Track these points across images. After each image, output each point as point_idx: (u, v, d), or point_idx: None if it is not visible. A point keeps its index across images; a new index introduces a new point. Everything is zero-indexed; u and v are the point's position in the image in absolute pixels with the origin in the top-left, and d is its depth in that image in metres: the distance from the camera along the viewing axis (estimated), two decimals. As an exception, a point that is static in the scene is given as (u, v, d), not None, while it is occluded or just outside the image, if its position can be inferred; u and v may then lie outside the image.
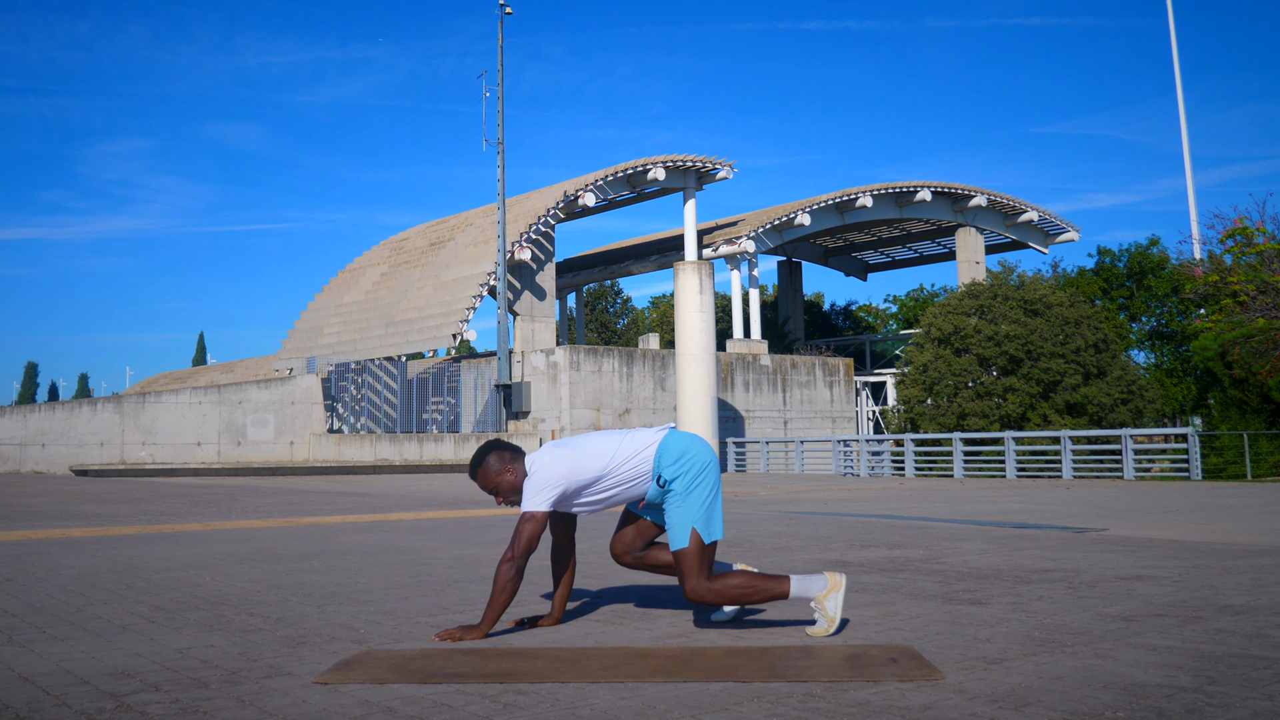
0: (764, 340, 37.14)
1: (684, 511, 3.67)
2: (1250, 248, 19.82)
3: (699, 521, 3.66)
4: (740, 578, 3.65)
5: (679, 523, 3.67)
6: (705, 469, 3.72)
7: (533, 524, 3.58)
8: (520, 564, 3.54)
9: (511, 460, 3.73)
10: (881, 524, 8.74)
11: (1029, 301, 31.63)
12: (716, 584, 3.62)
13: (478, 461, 3.73)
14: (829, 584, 3.65)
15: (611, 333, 65.58)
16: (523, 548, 3.54)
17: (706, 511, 3.68)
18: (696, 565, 3.63)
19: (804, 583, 3.67)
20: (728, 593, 3.62)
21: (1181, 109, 35.18)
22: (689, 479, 3.69)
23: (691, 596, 3.63)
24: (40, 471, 27.65)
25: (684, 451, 3.72)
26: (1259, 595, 4.47)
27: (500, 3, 31.79)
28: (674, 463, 3.70)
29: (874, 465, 26.14)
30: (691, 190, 36.00)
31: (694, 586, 3.61)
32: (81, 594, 4.80)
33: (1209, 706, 2.61)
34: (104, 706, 2.72)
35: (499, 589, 3.54)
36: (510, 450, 3.76)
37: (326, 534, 8.08)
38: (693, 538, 3.64)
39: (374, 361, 33.77)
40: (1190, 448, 19.68)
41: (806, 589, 3.65)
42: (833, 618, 3.62)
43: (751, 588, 3.63)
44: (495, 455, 3.73)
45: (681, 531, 3.66)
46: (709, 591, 3.61)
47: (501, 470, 3.71)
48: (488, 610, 3.57)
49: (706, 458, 3.76)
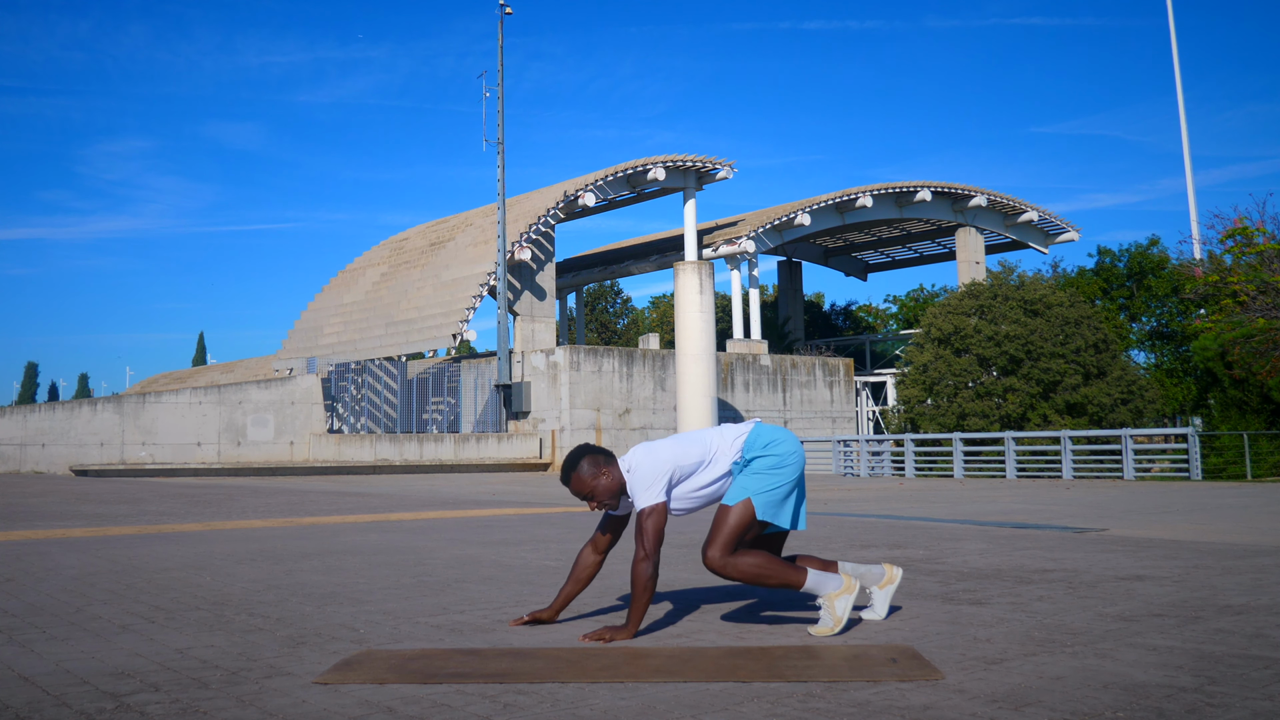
0: (764, 340, 37.14)
1: (750, 480, 3.69)
2: (1250, 248, 19.82)
3: (759, 495, 3.67)
4: (760, 558, 3.65)
5: (740, 486, 3.69)
6: (788, 456, 3.74)
7: (654, 517, 3.60)
8: (655, 560, 3.56)
9: (606, 464, 3.73)
10: (881, 524, 8.74)
11: (1029, 301, 31.63)
12: (736, 559, 3.64)
13: (571, 465, 3.72)
14: (842, 585, 3.67)
15: (611, 333, 65.57)
16: (652, 543, 3.57)
17: (773, 492, 3.69)
18: (729, 534, 3.64)
19: (819, 579, 3.68)
20: (744, 570, 3.63)
21: (1181, 109, 35.19)
22: (771, 460, 3.71)
23: (708, 563, 3.64)
24: (40, 471, 27.65)
25: (772, 441, 3.75)
26: (1259, 595, 4.47)
27: (500, 2, 31.79)
28: (760, 448, 3.73)
29: (874, 465, 26.14)
30: (691, 190, 36.00)
31: (715, 554, 3.63)
32: (81, 594, 4.80)
33: (1209, 706, 2.61)
34: (104, 706, 2.72)
35: (641, 588, 3.56)
36: (603, 454, 3.77)
37: (326, 534, 8.08)
38: (743, 504, 3.65)
39: (374, 361, 33.77)
40: (1190, 448, 19.68)
41: (821, 585, 3.67)
42: (839, 618, 3.63)
43: (769, 571, 3.64)
44: (589, 460, 3.73)
45: (737, 493, 3.68)
46: (728, 564, 3.63)
47: (596, 474, 3.71)
48: (634, 610, 3.58)
49: (792, 447, 3.78)
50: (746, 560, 3.64)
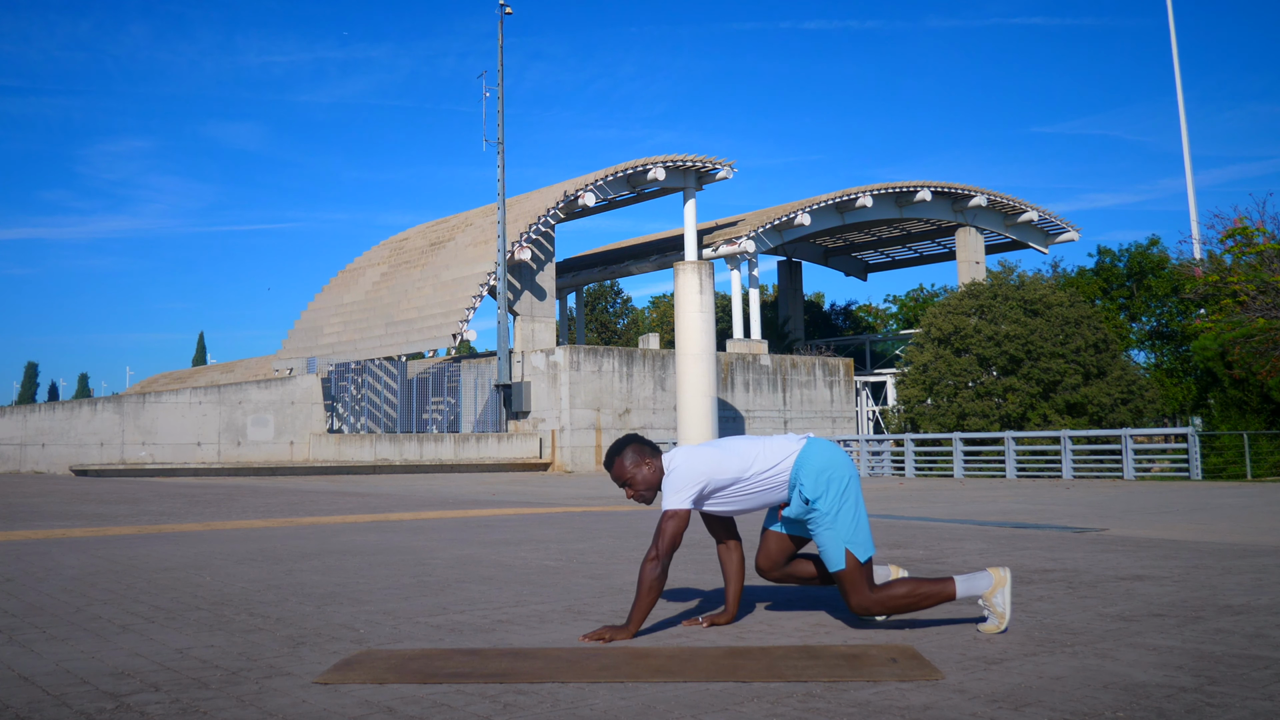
0: (764, 340, 37.14)
1: (835, 533, 3.66)
2: (1250, 248, 19.82)
3: (851, 541, 3.65)
4: (905, 586, 3.66)
5: (832, 544, 3.66)
6: (848, 484, 3.72)
7: (675, 521, 3.59)
8: (665, 562, 3.55)
9: (650, 456, 3.74)
10: (882, 524, 8.74)
11: (1029, 301, 31.63)
12: (881, 595, 3.64)
13: (616, 451, 3.75)
14: (994, 580, 3.65)
15: (611, 333, 65.57)
16: (666, 546, 3.56)
17: (854, 528, 3.67)
18: (861, 582, 3.64)
19: (969, 582, 3.67)
20: (894, 603, 3.64)
21: (1181, 109, 35.19)
22: (832, 498, 3.67)
23: (858, 610, 3.66)
24: (40, 471, 27.65)
25: (825, 466, 3.71)
26: (1259, 595, 4.47)
27: (500, 3, 31.79)
28: (815, 479, 3.68)
29: (874, 465, 26.14)
30: (691, 190, 36.00)
31: (859, 602, 3.63)
32: (81, 594, 4.80)
33: (1209, 706, 2.61)
34: (104, 706, 2.72)
35: (645, 588, 3.55)
36: (649, 446, 3.77)
37: (326, 534, 8.08)
38: (849, 558, 3.64)
39: (374, 361, 33.77)
40: (1190, 448, 19.68)
41: (973, 587, 3.66)
42: (1002, 613, 3.62)
43: (919, 595, 3.64)
44: (633, 448, 3.75)
45: (836, 553, 3.65)
46: (875, 604, 3.64)
47: (639, 463, 3.73)
48: (635, 609, 3.57)
49: (848, 472, 3.74)
50: (893, 593, 3.64)
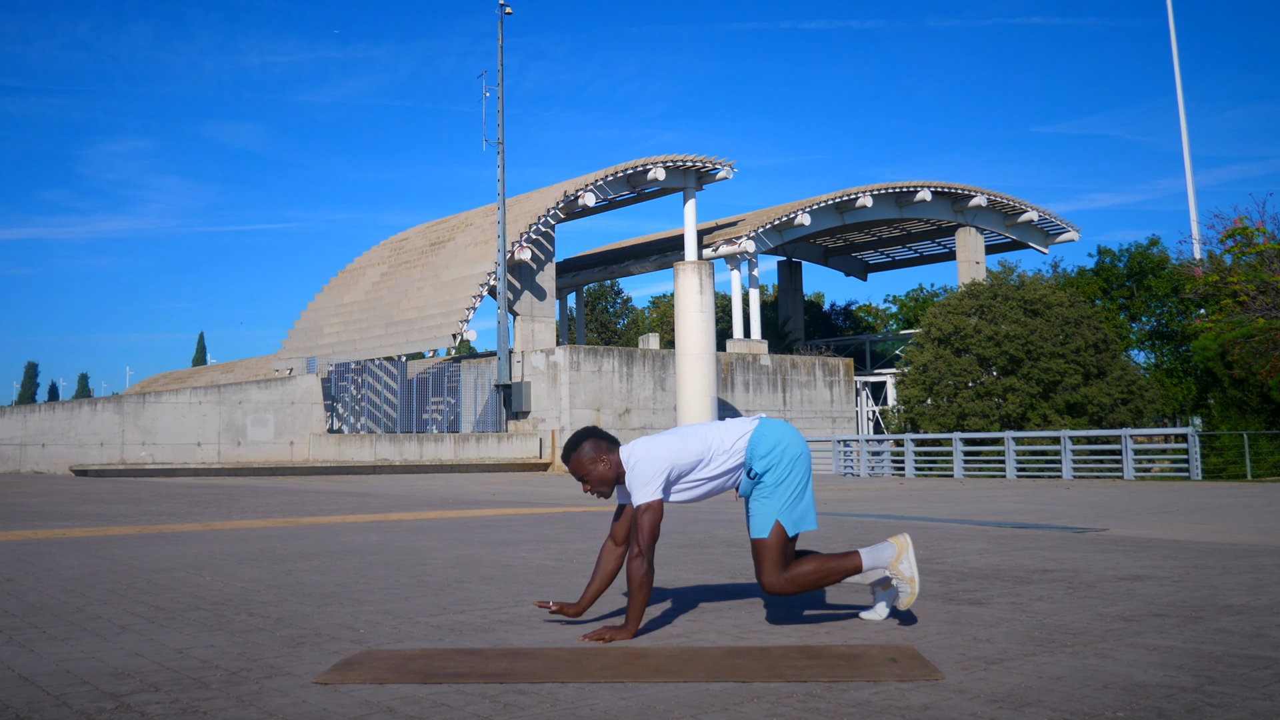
0: (764, 340, 37.14)
1: (771, 502, 3.69)
2: (1250, 248, 19.81)
3: (784, 514, 3.68)
4: (813, 562, 3.67)
5: (763, 512, 3.69)
6: (796, 460, 3.74)
7: (651, 513, 3.59)
8: (650, 557, 3.56)
9: (607, 451, 3.74)
10: (882, 524, 8.74)
11: (1029, 301, 31.63)
12: (791, 574, 3.65)
13: (573, 445, 3.74)
14: (898, 549, 3.68)
15: (611, 333, 65.57)
16: (648, 540, 3.56)
17: (793, 503, 3.69)
18: (775, 558, 3.65)
19: (874, 553, 3.69)
20: (804, 580, 3.65)
21: (1181, 109, 35.19)
22: (780, 471, 3.71)
23: (769, 589, 3.66)
24: (40, 471, 27.65)
25: (776, 442, 3.73)
26: (1259, 595, 4.47)
27: (500, 2, 31.79)
28: (766, 454, 3.71)
29: (874, 465, 26.14)
30: (691, 190, 36.00)
31: (770, 580, 3.64)
32: (81, 594, 4.80)
33: (1209, 706, 2.61)
34: (104, 706, 2.72)
35: (637, 585, 3.56)
36: (607, 440, 3.77)
37: (326, 534, 8.08)
38: (775, 530, 3.65)
39: (374, 361, 33.77)
40: (1190, 448, 19.68)
41: (878, 558, 3.68)
42: (911, 578, 3.65)
43: (826, 570, 3.66)
44: (591, 443, 3.74)
45: (763, 521, 3.67)
46: (785, 583, 3.65)
47: (595, 459, 3.72)
48: (631, 608, 3.58)
49: (798, 448, 3.77)
50: (803, 571, 3.65)
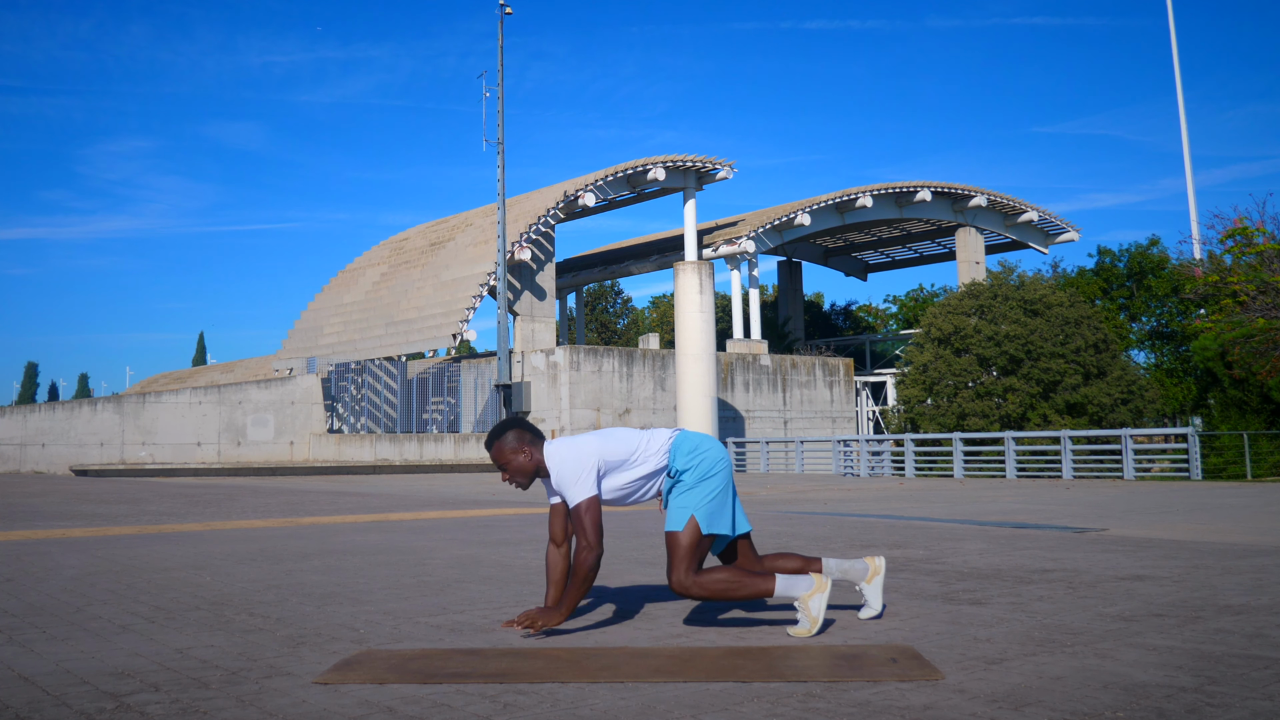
0: (764, 340, 37.14)
1: (687, 498, 3.69)
2: (1250, 248, 19.80)
3: (701, 510, 3.67)
4: (726, 573, 3.66)
5: (680, 507, 3.69)
6: (717, 464, 3.75)
7: (591, 510, 3.60)
8: (599, 550, 3.57)
9: (530, 443, 3.74)
10: (881, 524, 8.74)
11: (1029, 301, 31.63)
12: (702, 578, 3.64)
13: (497, 434, 3.74)
14: (814, 585, 3.66)
15: (611, 333, 65.57)
16: (594, 534, 3.57)
17: (711, 503, 3.70)
18: (687, 555, 3.64)
19: (789, 582, 3.68)
20: (712, 587, 3.63)
21: (1181, 109, 35.19)
22: (700, 471, 3.72)
23: (676, 588, 3.65)
24: (40, 471, 27.64)
25: (697, 447, 3.77)
26: (1259, 595, 4.47)
27: (500, 2, 31.79)
28: (686, 456, 3.74)
29: (874, 465, 26.13)
30: (691, 190, 36.00)
31: (679, 578, 3.63)
32: (81, 594, 4.80)
33: (1209, 706, 2.61)
34: (104, 706, 2.72)
35: (581, 576, 3.56)
36: (532, 433, 3.76)
37: (326, 534, 8.08)
38: (690, 524, 3.65)
39: (374, 361, 33.76)
40: (1190, 448, 19.68)
41: (791, 589, 3.67)
42: (815, 618, 3.63)
43: (737, 583, 3.64)
44: (515, 433, 3.74)
45: (680, 515, 3.68)
46: (694, 584, 3.63)
47: (518, 449, 3.72)
48: (569, 594, 3.58)
49: (719, 454, 3.79)
50: (714, 578, 3.64)
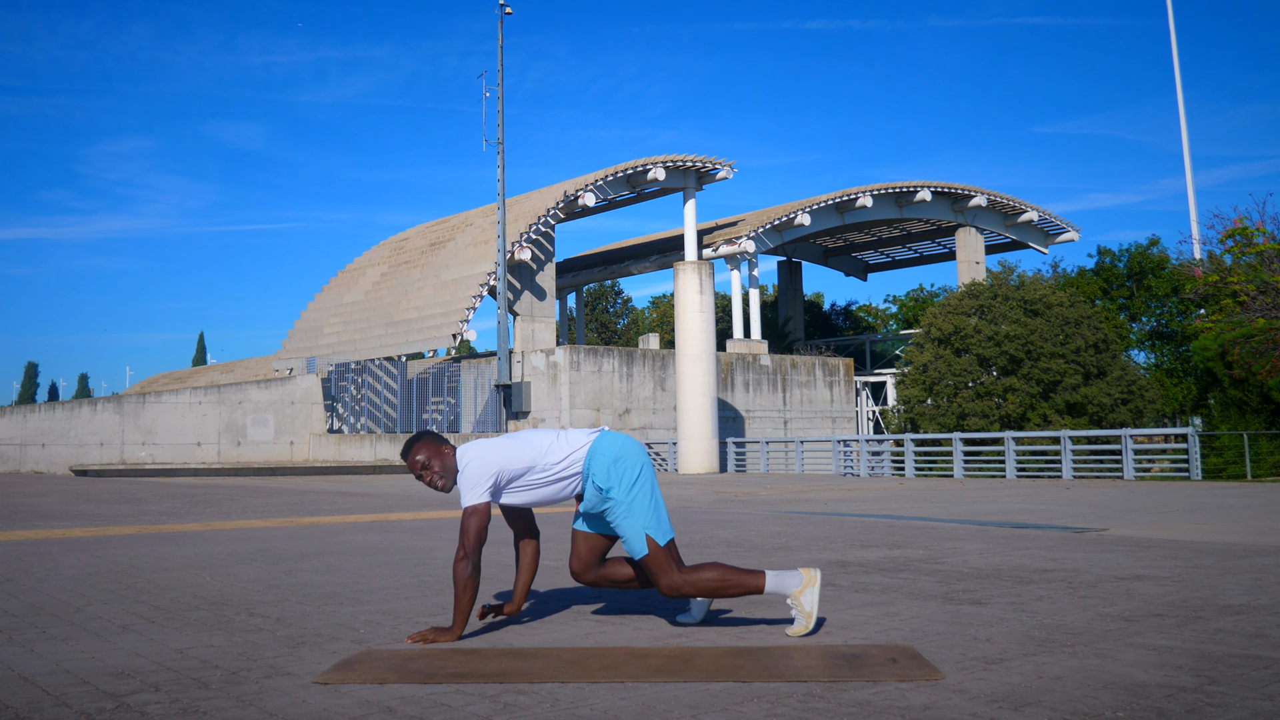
0: (764, 340, 37.14)
1: (633, 520, 3.72)
2: (1250, 248, 19.80)
3: (649, 527, 3.71)
4: (715, 570, 3.69)
5: (632, 532, 3.71)
6: (640, 473, 3.78)
7: (477, 517, 3.61)
8: (475, 559, 3.58)
9: (446, 445, 3.78)
10: (882, 524, 8.74)
11: (1029, 301, 31.63)
12: (691, 576, 3.68)
13: (410, 447, 3.76)
14: (804, 579, 3.68)
15: (611, 333, 65.58)
16: (473, 543, 3.58)
17: (651, 514, 3.73)
18: (665, 564, 3.69)
19: (779, 578, 3.69)
20: (703, 585, 3.67)
21: (1181, 109, 35.20)
22: (625, 487, 3.73)
23: (668, 592, 3.68)
24: (40, 471, 27.65)
25: (618, 456, 3.77)
26: (1259, 595, 4.47)
27: (500, 2, 31.79)
28: (609, 469, 3.74)
29: (874, 465, 26.13)
30: (691, 190, 36.01)
31: (669, 582, 3.67)
32: (81, 594, 4.80)
33: (1209, 706, 2.61)
34: (104, 706, 2.72)
35: (460, 588, 3.58)
36: (441, 441, 3.80)
37: (326, 534, 8.08)
38: (650, 544, 3.69)
39: (374, 361, 33.77)
40: (1190, 448, 19.67)
41: (782, 585, 3.68)
42: (809, 613, 3.64)
43: (726, 581, 3.67)
44: (426, 442, 3.76)
45: (637, 540, 3.71)
46: (685, 584, 3.67)
47: (436, 452, 3.74)
48: (456, 610, 3.60)
49: (639, 460, 3.81)
50: (703, 575, 3.68)
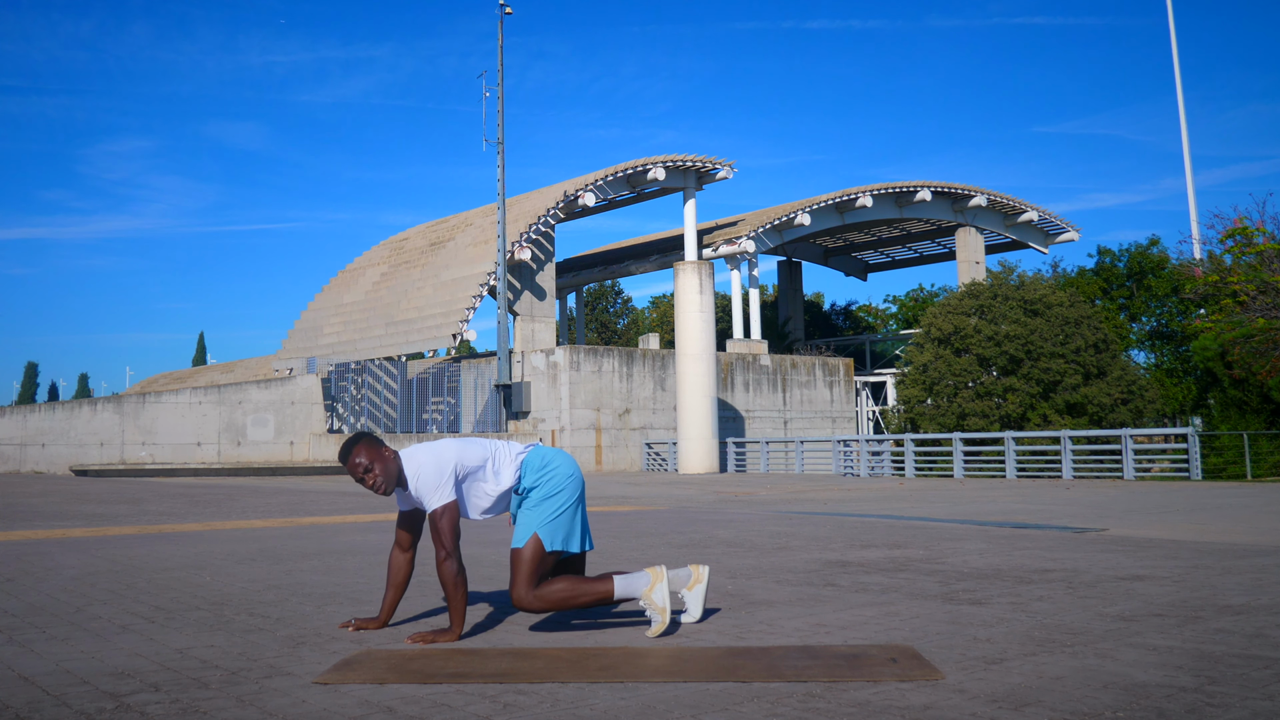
0: (764, 340, 37.14)
1: (532, 515, 3.71)
2: (1250, 248, 19.81)
3: (544, 527, 3.69)
4: (563, 583, 3.68)
5: (524, 523, 3.71)
6: (566, 481, 3.77)
7: (447, 516, 3.61)
8: (457, 556, 3.59)
9: (385, 447, 3.73)
10: (881, 524, 8.74)
11: (1029, 301, 31.63)
12: (541, 591, 3.65)
13: (348, 450, 3.70)
14: (651, 579, 3.68)
15: (611, 333, 65.58)
16: (451, 541, 3.59)
17: (556, 521, 3.71)
18: (528, 571, 3.65)
19: (627, 582, 3.69)
20: (552, 598, 3.65)
21: (1181, 109, 35.20)
22: (546, 489, 3.73)
23: (516, 603, 3.65)
24: (40, 471, 27.65)
25: (546, 463, 3.78)
26: (1259, 595, 4.47)
27: (500, 2, 31.79)
28: (536, 473, 3.75)
29: (874, 465, 26.13)
30: (691, 190, 36.00)
31: (519, 594, 3.64)
32: (81, 594, 4.80)
33: (1209, 706, 2.61)
34: (104, 706, 2.72)
35: (452, 587, 3.58)
36: (380, 443, 3.75)
37: (326, 534, 8.08)
38: (532, 541, 3.67)
39: (374, 361, 33.78)
40: (1190, 448, 19.68)
41: (630, 588, 3.68)
42: (663, 608, 3.64)
43: (577, 591, 3.66)
44: (365, 444, 3.70)
45: (523, 531, 3.70)
46: (534, 599, 3.64)
47: (374, 455, 3.69)
48: (452, 610, 3.61)
49: (569, 470, 3.80)
50: (553, 589, 3.66)
